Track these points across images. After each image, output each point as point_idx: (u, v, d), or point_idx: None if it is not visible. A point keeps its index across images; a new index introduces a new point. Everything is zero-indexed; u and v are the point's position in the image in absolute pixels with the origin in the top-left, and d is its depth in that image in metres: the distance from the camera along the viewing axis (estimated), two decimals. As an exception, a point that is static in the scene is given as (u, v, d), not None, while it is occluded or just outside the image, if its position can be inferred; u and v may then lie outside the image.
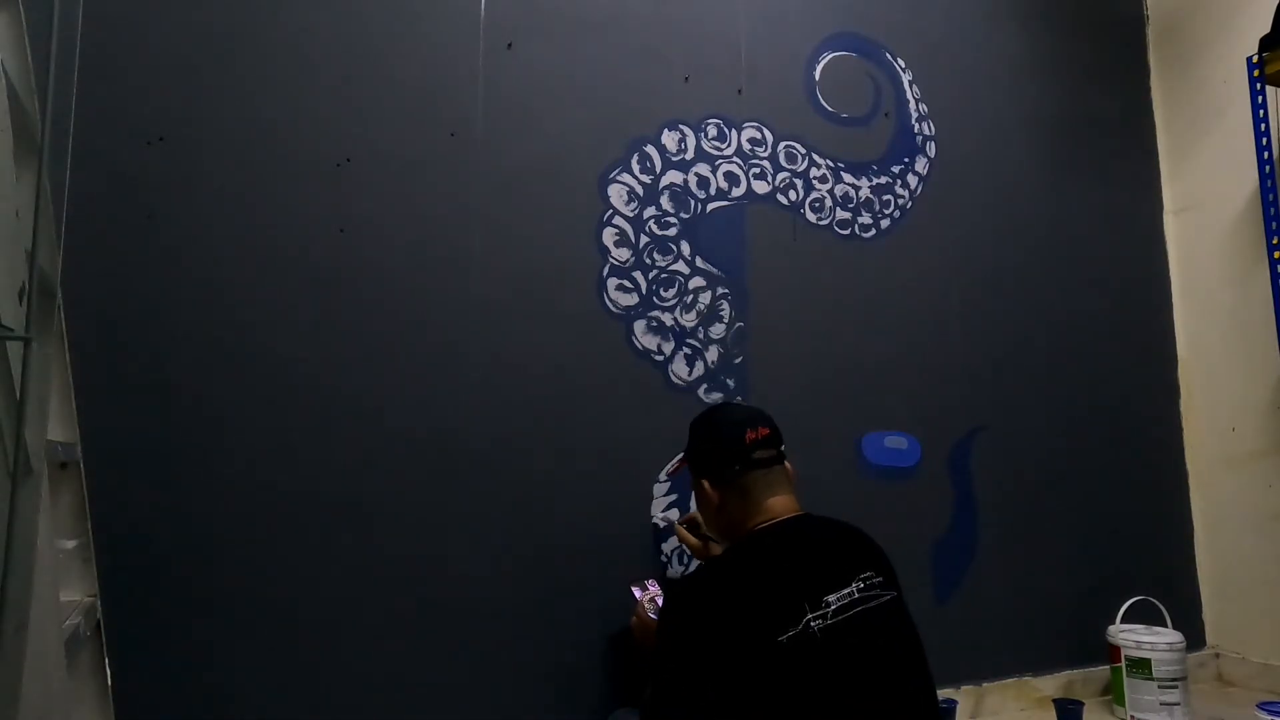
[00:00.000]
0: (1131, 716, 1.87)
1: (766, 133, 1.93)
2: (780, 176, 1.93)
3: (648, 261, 1.77)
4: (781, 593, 1.16)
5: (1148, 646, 1.86)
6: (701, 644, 1.14)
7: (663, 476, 1.68)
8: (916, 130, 2.11)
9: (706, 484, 1.35)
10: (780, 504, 1.30)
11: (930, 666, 1.23)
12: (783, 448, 1.36)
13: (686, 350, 1.79)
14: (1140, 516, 2.25)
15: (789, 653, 1.11)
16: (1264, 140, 2.08)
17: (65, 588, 1.20)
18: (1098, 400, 2.24)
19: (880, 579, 1.22)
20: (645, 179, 1.79)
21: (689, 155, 1.84)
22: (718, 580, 1.24)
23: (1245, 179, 2.19)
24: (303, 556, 1.45)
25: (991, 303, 2.14)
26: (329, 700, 1.44)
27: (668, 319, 1.78)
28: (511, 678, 1.56)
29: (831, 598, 1.16)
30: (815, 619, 1.13)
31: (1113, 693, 1.96)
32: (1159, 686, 1.83)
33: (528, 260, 1.67)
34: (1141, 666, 1.86)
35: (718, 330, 1.82)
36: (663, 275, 1.79)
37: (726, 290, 1.84)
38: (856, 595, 1.18)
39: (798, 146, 1.96)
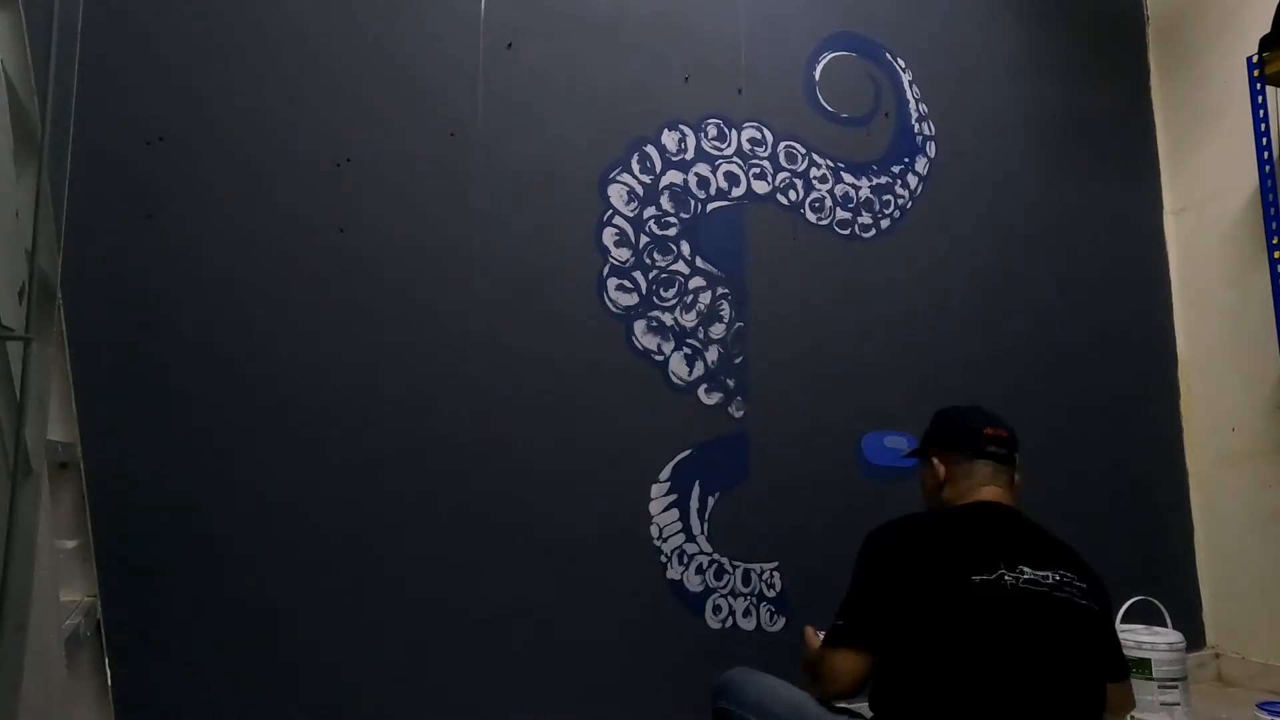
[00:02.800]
0: (1132, 716, 1.87)
1: (766, 133, 1.93)
2: (780, 176, 1.93)
3: (648, 261, 1.77)
4: (983, 546, 1.21)
5: (1148, 646, 1.86)
6: (900, 565, 1.21)
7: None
8: (916, 130, 2.11)
9: (936, 459, 1.41)
10: (995, 494, 1.34)
11: (1097, 694, 1.20)
12: (1017, 456, 1.41)
13: (686, 350, 1.79)
14: (1140, 516, 2.25)
15: (977, 591, 1.15)
16: (1264, 140, 2.08)
17: (65, 588, 1.20)
18: (1098, 400, 2.24)
19: (1084, 585, 1.22)
20: (645, 179, 1.79)
21: (689, 155, 1.84)
22: (924, 522, 1.31)
23: (1245, 179, 2.19)
24: (302, 556, 1.45)
25: (991, 302, 2.14)
26: (329, 700, 1.43)
27: (668, 319, 1.78)
28: (511, 678, 1.56)
29: (1027, 569, 1.19)
30: (1009, 575, 1.17)
31: (1113, 693, 1.95)
32: (1159, 686, 1.83)
33: (528, 260, 1.67)
34: (1141, 666, 1.86)
35: (718, 330, 1.82)
36: (663, 275, 1.79)
37: (726, 290, 1.84)
38: (1053, 581, 1.19)
39: (798, 146, 1.96)
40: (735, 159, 1.89)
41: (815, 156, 1.98)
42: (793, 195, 1.94)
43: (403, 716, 1.48)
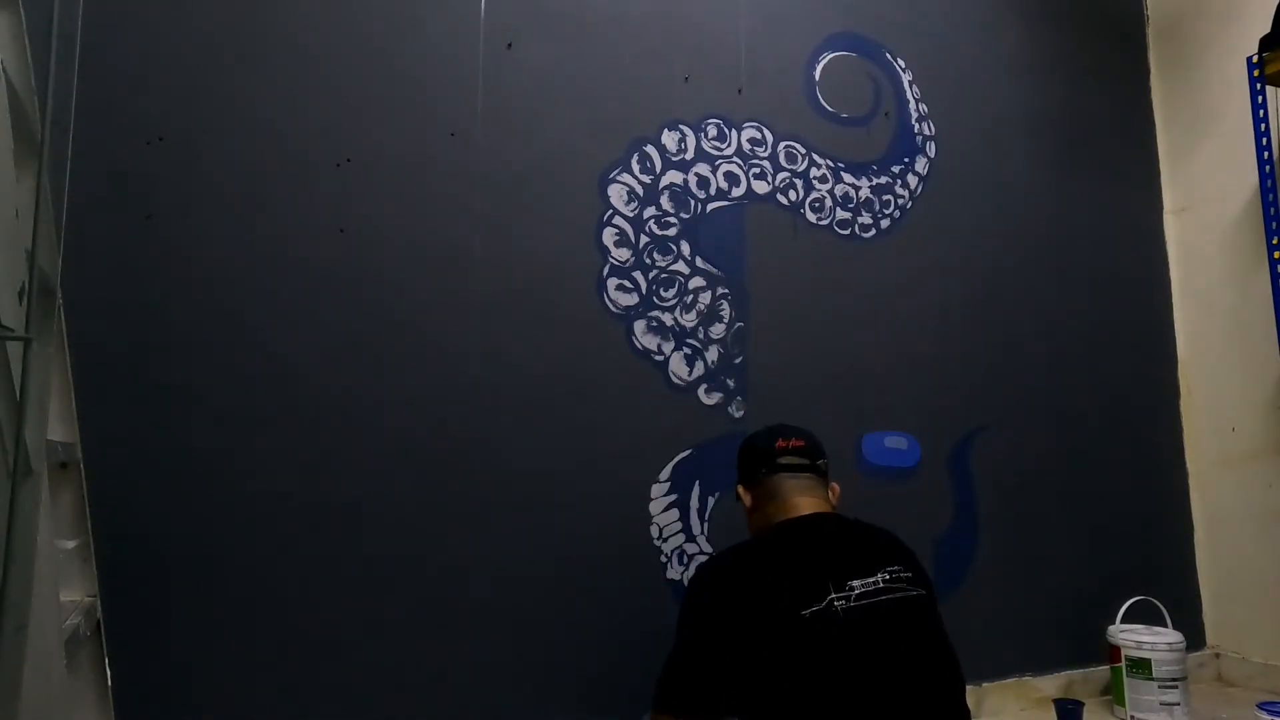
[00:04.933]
0: (1131, 716, 1.87)
1: (766, 133, 1.93)
2: (780, 176, 1.93)
3: (648, 261, 1.77)
4: (807, 573, 1.18)
5: (1148, 646, 1.86)
6: (724, 611, 1.18)
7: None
8: (916, 130, 2.11)
9: (740, 488, 1.41)
10: (809, 504, 1.32)
11: (959, 669, 1.21)
12: (821, 462, 1.40)
13: (686, 350, 1.79)
14: (1140, 516, 2.25)
15: (810, 626, 1.13)
16: (1264, 140, 2.08)
17: (65, 588, 1.20)
18: (1098, 400, 2.24)
19: (909, 575, 1.23)
20: (645, 179, 1.79)
21: (689, 155, 1.84)
22: (745, 556, 1.28)
23: (1245, 179, 2.19)
24: (302, 556, 1.45)
25: (991, 302, 2.14)
26: (329, 701, 1.44)
27: (668, 319, 1.78)
28: (511, 677, 1.56)
29: (856, 583, 1.17)
30: (839, 599, 1.15)
31: (1113, 693, 1.96)
32: (1159, 686, 1.83)
33: (528, 260, 1.67)
34: (1141, 666, 1.86)
35: (718, 330, 1.82)
36: (663, 275, 1.79)
37: (726, 290, 1.84)
38: (881, 585, 1.19)
39: (798, 146, 1.96)
40: (735, 159, 1.89)
41: (815, 156, 1.98)
42: (793, 195, 1.94)
43: (403, 714, 1.48)
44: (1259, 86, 2.09)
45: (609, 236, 1.75)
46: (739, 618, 1.16)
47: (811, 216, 1.96)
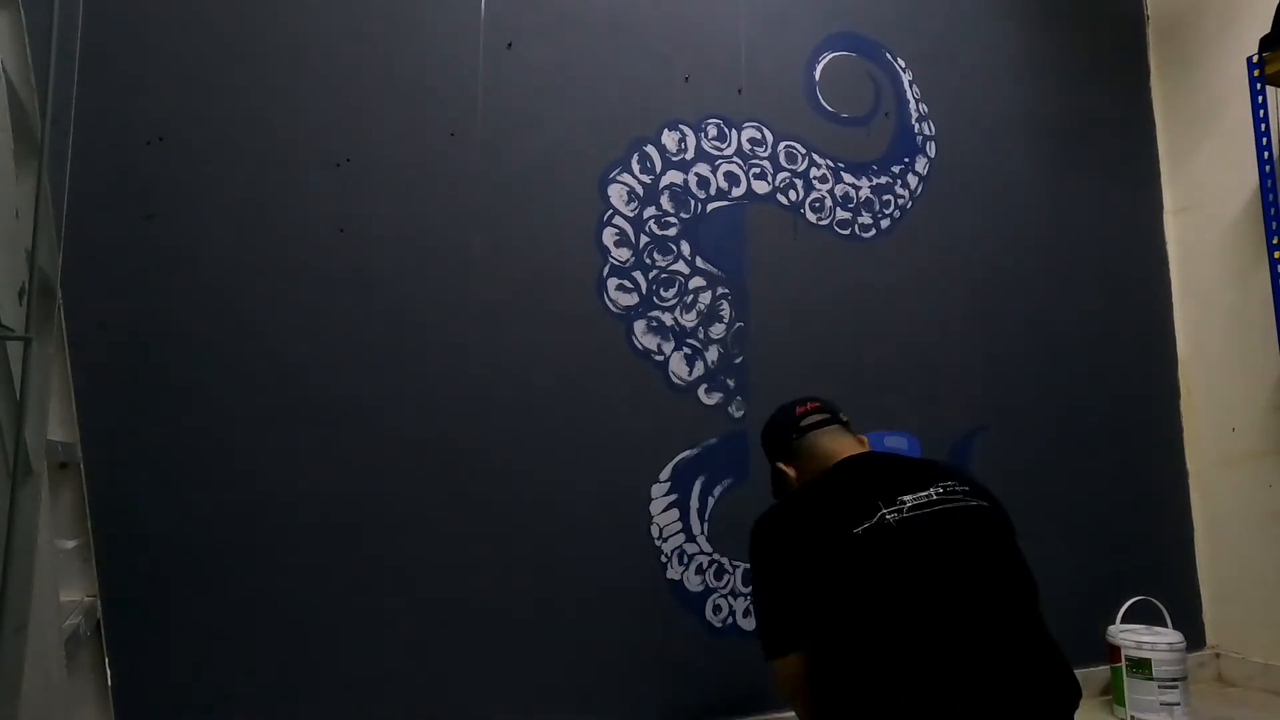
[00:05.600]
0: (1131, 716, 1.87)
1: (766, 133, 1.93)
2: (780, 176, 1.93)
3: (648, 261, 1.77)
4: (857, 496, 1.19)
5: (1148, 646, 1.86)
6: (785, 550, 1.20)
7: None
8: (916, 130, 2.11)
9: (781, 465, 1.41)
10: (848, 448, 1.34)
11: (1028, 575, 1.18)
12: (843, 416, 1.41)
13: (686, 350, 1.79)
14: (1140, 516, 2.25)
15: (864, 542, 1.13)
16: (1264, 140, 2.08)
17: (65, 588, 1.20)
18: (1098, 400, 2.24)
19: (965, 488, 1.21)
20: (645, 179, 1.79)
21: (689, 155, 1.84)
22: (797, 499, 1.31)
23: (1245, 179, 2.19)
24: (302, 556, 1.45)
25: (992, 303, 2.14)
26: (329, 701, 1.44)
27: (668, 319, 1.78)
28: (510, 676, 1.56)
29: (907, 498, 1.17)
30: (890, 512, 1.15)
31: (1113, 693, 1.95)
32: (1159, 686, 1.83)
33: (528, 260, 1.67)
34: (1141, 666, 1.86)
35: (718, 330, 1.82)
36: (663, 275, 1.79)
37: (726, 290, 1.84)
38: (934, 497, 1.18)
39: (798, 146, 1.96)
40: (735, 159, 1.89)
41: (815, 156, 1.98)
42: (793, 195, 1.94)
43: (403, 714, 1.48)
44: (1259, 86, 2.09)
45: (609, 236, 1.75)
46: (799, 551, 1.18)
47: (812, 216, 1.96)
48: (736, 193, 1.88)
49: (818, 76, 2.01)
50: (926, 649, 1.07)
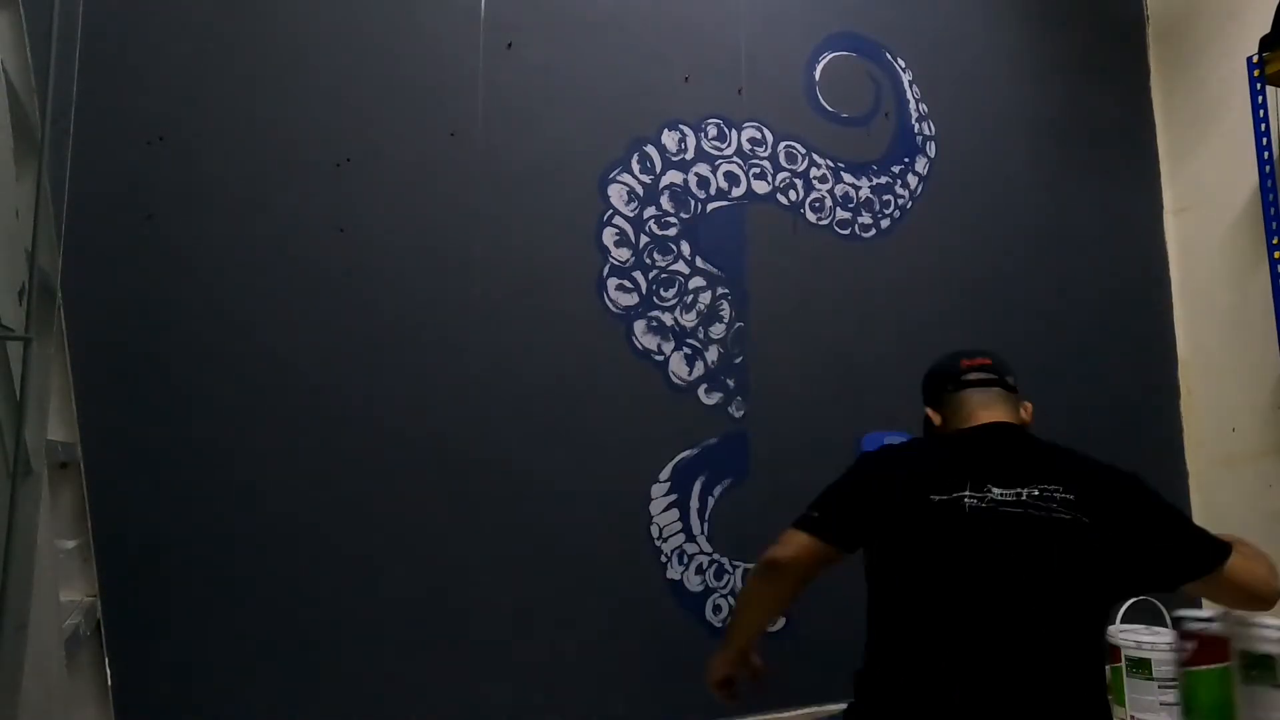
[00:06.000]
0: (1131, 716, 1.87)
1: (766, 133, 1.93)
2: (780, 176, 1.93)
3: (648, 261, 1.77)
4: (950, 468, 1.20)
5: (1148, 646, 1.86)
6: (873, 479, 1.24)
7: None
8: (916, 130, 2.11)
9: (930, 410, 1.40)
10: (990, 415, 1.29)
11: (1086, 602, 1.12)
12: (1009, 379, 1.36)
13: (686, 350, 1.79)
14: (1140, 516, 2.24)
15: (933, 511, 1.15)
16: (1264, 140, 2.08)
17: (65, 588, 1.20)
18: (1098, 400, 2.24)
19: (1070, 497, 1.14)
20: (645, 179, 1.79)
21: (689, 155, 1.84)
22: (911, 445, 1.35)
23: (1245, 179, 2.19)
24: (302, 555, 1.45)
25: (991, 302, 2.14)
26: (329, 700, 1.43)
27: (668, 319, 1.78)
28: (511, 677, 1.56)
29: (996, 490, 1.16)
30: (971, 497, 1.16)
31: (1113, 693, 1.95)
32: (1159, 686, 1.83)
33: (528, 260, 1.67)
34: (1141, 666, 1.86)
35: (718, 330, 1.82)
36: (663, 275, 1.79)
37: (726, 290, 1.84)
38: (1025, 499, 1.14)
39: (798, 146, 1.96)
40: (735, 159, 1.89)
41: (815, 156, 1.98)
42: (793, 195, 1.94)
43: (402, 715, 1.48)
44: (1259, 86, 2.09)
45: (609, 236, 1.75)
46: (881, 487, 1.22)
47: (811, 216, 1.96)
48: (736, 193, 1.88)
49: (818, 76, 2.01)
50: (939, 637, 1.10)
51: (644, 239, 1.78)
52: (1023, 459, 1.21)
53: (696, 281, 1.81)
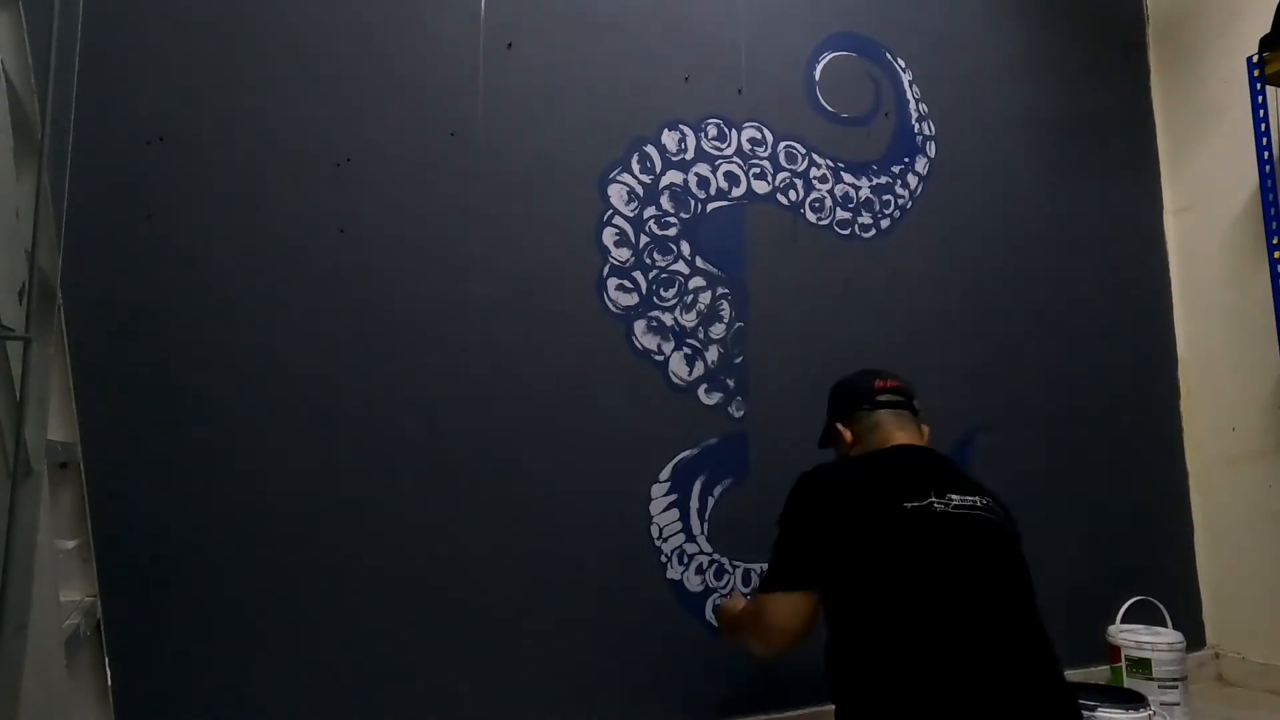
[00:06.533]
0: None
1: (766, 133, 1.93)
2: (780, 176, 1.93)
3: (648, 261, 1.77)
4: (910, 477, 1.25)
5: (1148, 646, 1.86)
6: (825, 503, 1.25)
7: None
8: (916, 130, 2.11)
9: (839, 425, 1.45)
10: (907, 437, 1.38)
11: (1036, 604, 1.22)
12: (915, 403, 1.44)
13: (686, 350, 1.79)
14: (1140, 516, 2.25)
15: (910, 516, 1.19)
16: (1264, 140, 2.08)
17: (65, 588, 1.20)
18: (1097, 400, 2.24)
19: (1003, 514, 1.28)
20: (645, 179, 1.79)
21: (689, 155, 1.84)
22: (848, 464, 1.38)
23: (1245, 179, 2.19)
24: (302, 556, 1.45)
25: (991, 303, 2.14)
26: (329, 700, 1.43)
27: (668, 319, 1.78)
28: (510, 676, 1.56)
29: (955, 497, 1.23)
30: (939, 503, 1.21)
31: (1113, 693, 1.95)
32: (1159, 686, 1.83)
33: (528, 260, 1.67)
34: (1141, 666, 1.86)
35: (718, 330, 1.82)
36: (663, 275, 1.79)
37: (726, 290, 1.84)
38: (979, 506, 1.24)
39: (798, 146, 1.96)
40: (735, 159, 1.89)
41: (815, 156, 1.98)
42: (793, 195, 1.94)
43: (403, 714, 1.48)
44: (1259, 86, 2.09)
45: (609, 236, 1.75)
46: (841, 507, 1.23)
47: (812, 216, 1.96)
48: (736, 193, 1.88)
49: (818, 76, 2.01)
50: (947, 634, 1.12)
51: (644, 239, 1.78)
52: (960, 475, 1.31)
53: (696, 281, 1.81)
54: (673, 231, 1.80)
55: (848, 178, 2.01)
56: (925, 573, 1.16)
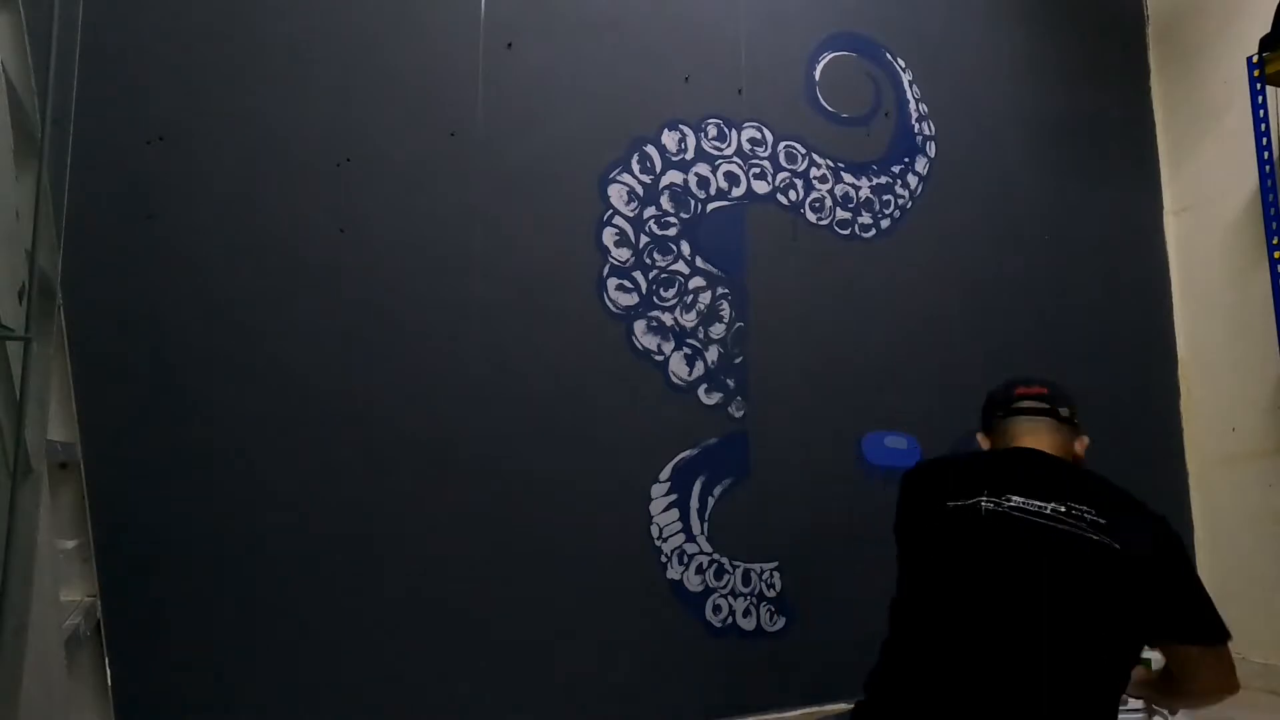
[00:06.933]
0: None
1: (766, 133, 1.93)
2: (780, 176, 1.93)
3: (648, 261, 1.77)
4: (970, 477, 1.20)
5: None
6: (900, 500, 1.28)
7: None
8: (916, 130, 2.11)
9: (980, 435, 1.40)
10: (1034, 442, 1.26)
11: (1105, 628, 1.06)
12: (1064, 410, 1.31)
13: (686, 350, 1.79)
14: (1140, 516, 2.24)
15: (950, 516, 1.16)
16: (1264, 140, 2.08)
17: (65, 588, 1.20)
18: (1098, 400, 2.23)
19: (1103, 523, 1.09)
20: (645, 179, 1.79)
21: (689, 155, 1.84)
22: (941, 460, 1.39)
23: (1245, 179, 2.19)
24: (302, 555, 1.45)
25: (991, 302, 2.14)
26: (329, 700, 1.43)
27: (668, 319, 1.78)
28: (510, 675, 1.56)
29: (1016, 499, 1.14)
30: (988, 501, 1.14)
31: (1113, 693, 1.95)
32: (1159, 686, 1.83)
33: (528, 260, 1.67)
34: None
35: (718, 330, 1.82)
36: (663, 275, 1.78)
37: (726, 290, 1.84)
38: (1049, 512, 1.11)
39: (798, 146, 1.96)
40: (735, 159, 1.89)
41: (815, 156, 1.98)
42: (793, 195, 1.94)
43: (403, 714, 1.48)
44: (1259, 86, 2.09)
45: (609, 236, 1.75)
46: (905, 507, 1.26)
47: (811, 216, 1.96)
48: (736, 193, 1.88)
49: (818, 76, 2.01)
50: (951, 641, 1.09)
51: (644, 239, 1.78)
52: (1053, 477, 1.18)
53: (696, 281, 1.81)
54: (673, 231, 1.80)
55: (848, 178, 2.01)
56: (942, 575, 1.14)
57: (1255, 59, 2.10)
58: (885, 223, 2.04)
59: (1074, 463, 1.27)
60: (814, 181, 1.97)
